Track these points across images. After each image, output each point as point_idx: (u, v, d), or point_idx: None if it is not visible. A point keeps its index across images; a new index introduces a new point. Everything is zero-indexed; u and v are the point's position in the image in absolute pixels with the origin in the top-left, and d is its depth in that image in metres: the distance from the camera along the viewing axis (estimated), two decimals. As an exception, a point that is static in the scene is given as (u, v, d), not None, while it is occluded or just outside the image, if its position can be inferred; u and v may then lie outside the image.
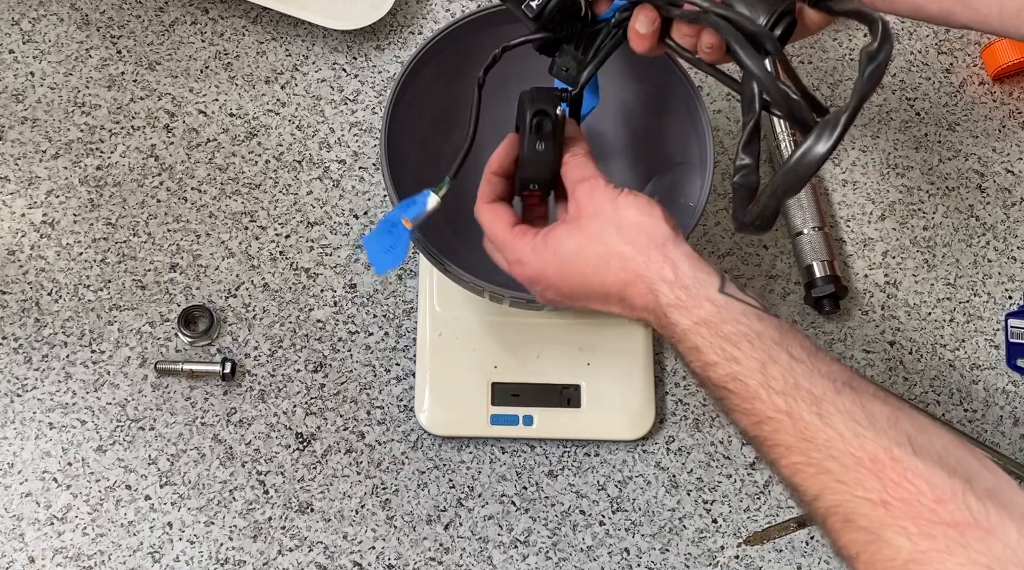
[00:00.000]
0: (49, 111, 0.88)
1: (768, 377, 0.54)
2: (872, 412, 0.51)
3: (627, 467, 0.83)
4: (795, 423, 0.52)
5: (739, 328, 0.56)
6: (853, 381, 0.53)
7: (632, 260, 0.59)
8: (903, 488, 0.48)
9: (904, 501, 0.47)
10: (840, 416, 0.51)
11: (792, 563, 0.82)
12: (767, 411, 0.54)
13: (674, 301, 0.58)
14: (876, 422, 0.50)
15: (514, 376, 0.82)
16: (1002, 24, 0.62)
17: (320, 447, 0.82)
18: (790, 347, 0.55)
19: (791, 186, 0.55)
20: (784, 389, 0.53)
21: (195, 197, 0.87)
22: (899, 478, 0.48)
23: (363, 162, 0.89)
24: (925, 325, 0.90)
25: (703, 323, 0.57)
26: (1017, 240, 0.93)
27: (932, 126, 0.96)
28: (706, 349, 0.56)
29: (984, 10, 0.62)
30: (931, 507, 0.47)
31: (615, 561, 0.81)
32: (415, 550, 0.80)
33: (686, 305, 0.57)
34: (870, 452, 0.49)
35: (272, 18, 0.93)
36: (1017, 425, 0.88)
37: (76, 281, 0.84)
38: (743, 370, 0.55)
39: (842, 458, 0.50)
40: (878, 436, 0.50)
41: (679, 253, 0.59)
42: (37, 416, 0.80)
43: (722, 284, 0.58)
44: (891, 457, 0.49)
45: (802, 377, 0.53)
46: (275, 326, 0.84)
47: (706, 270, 0.59)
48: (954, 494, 0.47)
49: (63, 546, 0.78)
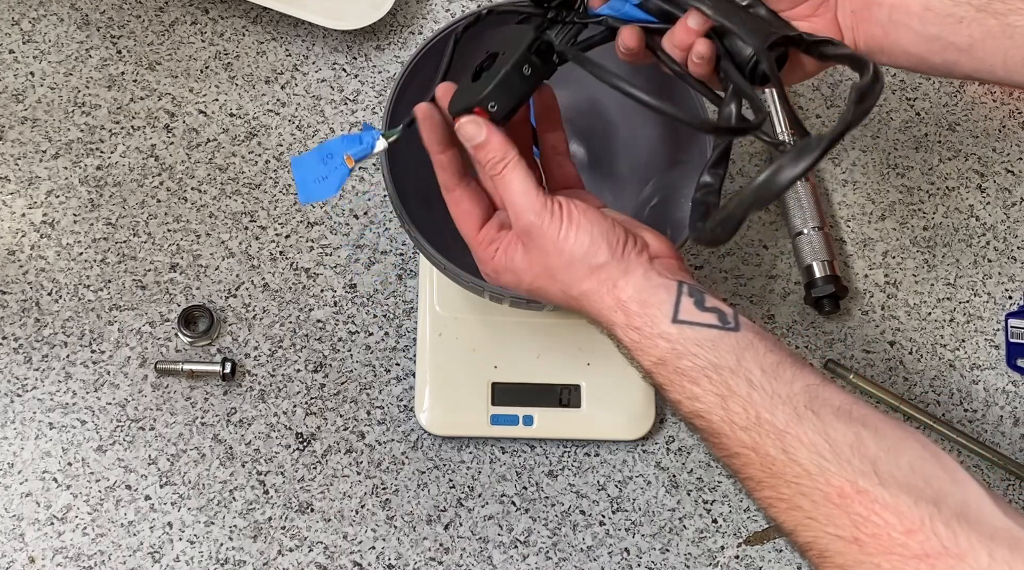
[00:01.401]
0: (49, 111, 0.88)
1: (730, 412, 0.54)
2: (835, 440, 0.51)
3: (627, 467, 0.83)
4: (762, 459, 0.52)
5: (696, 362, 0.55)
6: (815, 401, 0.53)
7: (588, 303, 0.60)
8: (872, 522, 0.48)
9: (874, 536, 0.48)
10: (804, 450, 0.51)
11: (792, 563, 0.82)
12: (734, 447, 0.54)
13: (630, 344, 0.58)
14: (839, 452, 0.50)
15: (514, 376, 0.82)
16: (1007, 74, 0.62)
17: (320, 447, 0.82)
18: (748, 372, 0.54)
19: (760, 200, 0.54)
20: (747, 424, 0.53)
21: (195, 197, 0.87)
22: (867, 512, 0.48)
23: (363, 162, 0.89)
24: (925, 325, 0.90)
25: (660, 362, 0.56)
26: (1017, 240, 0.93)
27: (932, 126, 0.96)
28: (668, 387, 0.56)
29: (989, 60, 0.61)
30: (902, 541, 0.47)
31: (615, 561, 0.81)
32: (415, 550, 0.80)
33: (641, 346, 0.57)
34: (836, 486, 0.49)
35: (272, 18, 0.93)
36: (1017, 425, 0.88)
37: (76, 281, 0.84)
38: (705, 407, 0.55)
39: (811, 494, 0.50)
40: (842, 468, 0.50)
41: (630, 291, 0.58)
42: (37, 416, 0.80)
43: (675, 312, 0.57)
44: (856, 490, 0.49)
45: (763, 408, 0.53)
46: (275, 326, 0.84)
47: (656, 301, 0.57)
48: (922, 522, 0.47)
49: (63, 546, 0.78)
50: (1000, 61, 0.61)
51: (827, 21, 0.63)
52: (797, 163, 0.53)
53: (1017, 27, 0.60)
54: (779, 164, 0.53)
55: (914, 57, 0.63)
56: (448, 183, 0.63)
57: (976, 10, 0.60)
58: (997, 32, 0.60)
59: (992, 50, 0.61)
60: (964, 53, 0.61)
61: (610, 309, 0.58)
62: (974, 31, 0.61)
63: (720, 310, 0.57)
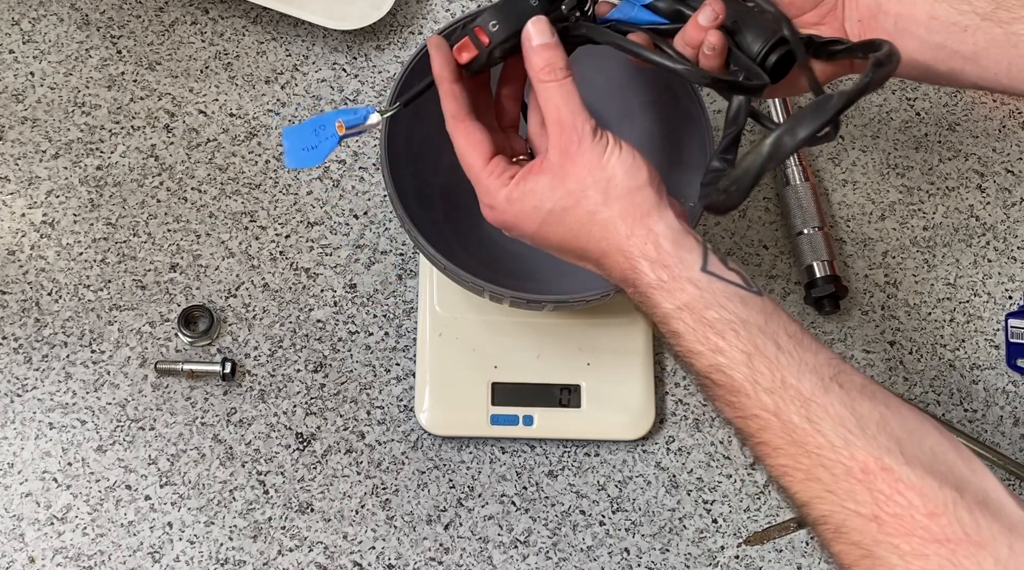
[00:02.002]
0: (49, 111, 0.88)
1: (755, 372, 0.52)
2: (862, 415, 0.50)
3: (627, 467, 0.83)
4: (784, 425, 0.51)
5: (723, 314, 0.54)
6: (841, 375, 0.52)
7: (615, 231, 0.57)
8: (895, 502, 0.47)
9: (896, 516, 0.47)
10: (830, 421, 0.50)
11: (792, 563, 0.82)
12: (753, 408, 0.52)
13: (655, 282, 0.55)
14: (866, 427, 0.49)
15: (514, 376, 0.82)
16: (1011, 82, 0.62)
17: (320, 447, 0.82)
18: (776, 335, 0.53)
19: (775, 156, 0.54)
20: (771, 387, 0.52)
21: (195, 197, 0.87)
22: (890, 490, 0.47)
23: (363, 162, 0.89)
24: (925, 325, 0.90)
25: (685, 308, 0.54)
26: (1017, 240, 0.93)
27: (932, 126, 0.96)
28: (689, 336, 0.54)
29: (993, 68, 0.61)
30: (924, 523, 0.46)
31: (615, 561, 0.81)
32: (415, 550, 0.80)
33: (668, 287, 0.55)
34: (860, 461, 0.48)
35: (272, 18, 0.93)
36: (1017, 425, 0.88)
37: (76, 281, 0.84)
38: (728, 362, 0.53)
39: (832, 467, 0.49)
40: (868, 443, 0.49)
41: (662, 226, 0.56)
42: (37, 416, 0.80)
43: (704, 261, 0.55)
44: (882, 467, 0.48)
45: (789, 373, 0.52)
46: (275, 326, 0.84)
47: (688, 245, 0.56)
48: (946, 506, 0.46)
49: (63, 546, 0.78)
50: (1004, 69, 0.61)
51: (833, 30, 0.64)
52: (813, 120, 0.53)
53: (1022, 35, 0.60)
54: (795, 120, 0.53)
55: (919, 65, 0.63)
56: (458, 113, 0.61)
57: (981, 19, 0.61)
58: (1002, 40, 0.60)
59: (996, 58, 0.61)
60: (969, 61, 0.62)
61: (641, 239, 0.56)
62: (979, 39, 0.61)
63: (743, 274, 0.56)
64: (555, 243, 0.60)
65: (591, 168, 0.57)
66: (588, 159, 0.57)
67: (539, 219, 0.59)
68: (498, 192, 0.59)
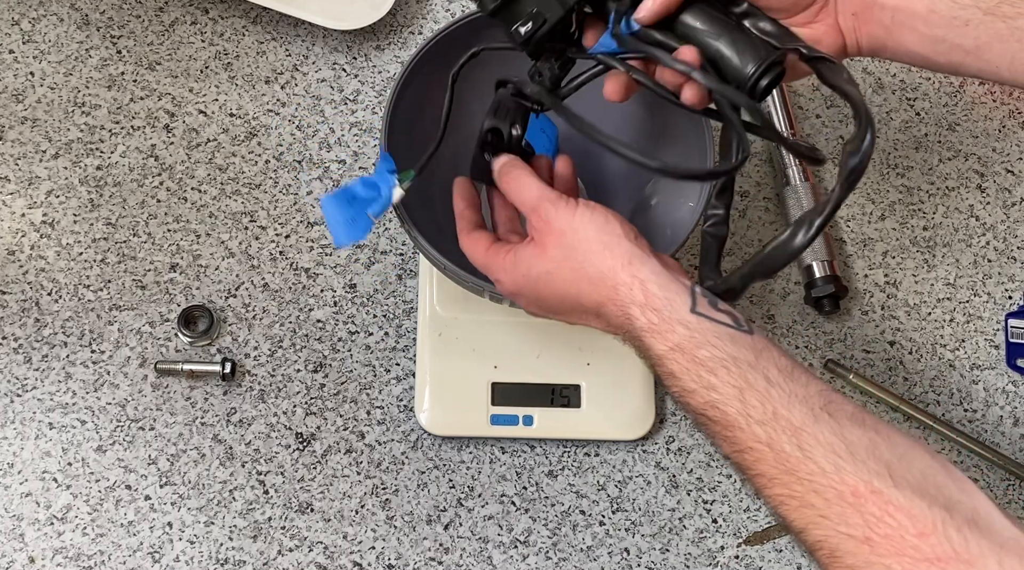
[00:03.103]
0: (49, 111, 0.88)
1: (747, 406, 0.54)
2: (851, 441, 0.51)
3: (627, 467, 0.83)
4: (776, 455, 0.52)
5: (714, 352, 0.55)
6: (830, 405, 0.53)
7: (602, 283, 0.59)
8: (885, 523, 0.48)
9: (887, 537, 0.48)
10: (820, 448, 0.51)
11: (792, 563, 0.82)
12: (747, 441, 0.53)
13: (646, 325, 0.57)
14: (855, 452, 0.51)
15: (514, 376, 0.82)
16: (1013, 75, 0.62)
17: (320, 447, 0.82)
18: (766, 369, 0.55)
19: (759, 274, 0.58)
20: (763, 419, 0.53)
21: (195, 197, 0.87)
22: (880, 512, 0.48)
23: (363, 162, 0.89)
24: (925, 325, 0.90)
25: (678, 349, 0.56)
26: (1017, 240, 0.93)
27: (932, 126, 0.96)
28: (683, 376, 0.56)
29: (995, 62, 0.61)
30: (913, 543, 0.47)
31: (615, 561, 0.81)
32: (415, 550, 0.80)
33: (659, 330, 0.57)
34: (851, 486, 0.49)
35: (272, 18, 0.93)
36: (1017, 425, 0.88)
37: (76, 281, 0.84)
38: (721, 398, 0.54)
39: (824, 492, 0.50)
40: (858, 468, 0.50)
41: (646, 271, 0.58)
42: (37, 416, 0.80)
43: (693, 303, 0.57)
44: (871, 490, 0.49)
45: (780, 405, 0.53)
46: (275, 326, 0.84)
47: (675, 288, 0.58)
48: (935, 526, 0.47)
49: (63, 546, 0.78)
50: (1007, 63, 0.61)
51: (827, 26, 0.63)
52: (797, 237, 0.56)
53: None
54: (777, 241, 0.56)
55: (918, 56, 0.63)
56: (464, 229, 0.68)
57: (984, 13, 0.60)
58: (1006, 35, 0.60)
59: (1000, 53, 0.61)
60: (970, 55, 0.61)
61: (627, 286, 0.58)
62: (981, 34, 0.60)
63: (733, 314, 0.58)
64: (556, 304, 0.63)
65: (565, 231, 0.61)
66: (560, 225, 0.61)
67: (533, 283, 0.62)
68: (498, 267, 0.64)
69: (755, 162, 0.93)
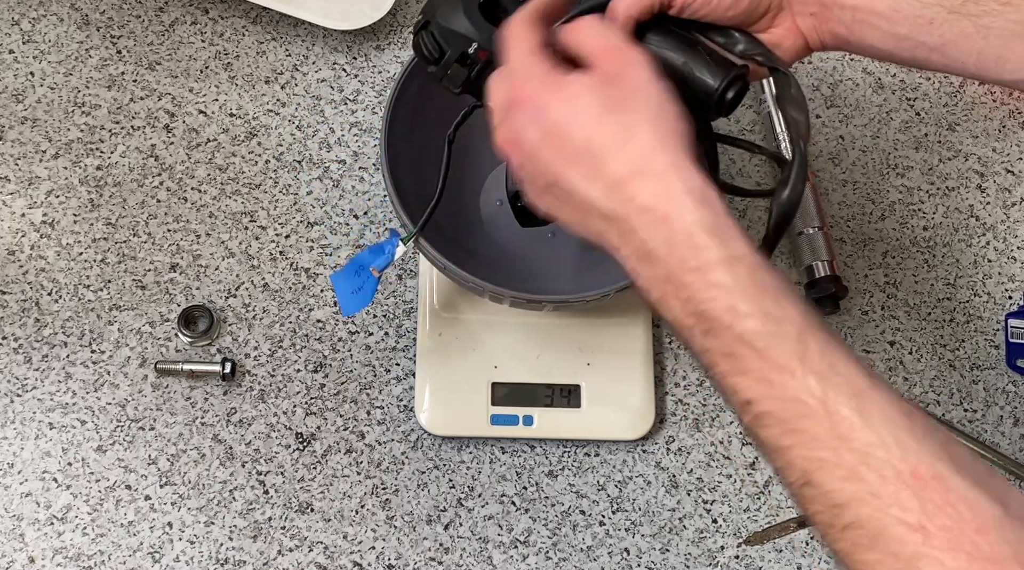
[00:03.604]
0: (49, 111, 0.88)
1: (805, 349, 0.46)
2: (912, 417, 0.45)
3: (627, 467, 0.83)
4: (830, 415, 0.45)
5: (776, 280, 0.48)
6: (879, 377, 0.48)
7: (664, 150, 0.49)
8: (945, 514, 0.43)
9: (945, 529, 0.43)
10: (881, 418, 0.45)
11: (792, 563, 0.82)
12: (795, 390, 0.46)
13: (702, 221, 0.48)
14: (915, 430, 0.45)
15: (514, 376, 0.82)
16: (979, 70, 0.61)
17: (320, 447, 0.82)
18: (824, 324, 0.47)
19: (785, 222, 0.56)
20: (821, 370, 0.46)
21: (195, 197, 0.87)
22: (941, 501, 0.43)
23: (363, 162, 0.89)
24: (925, 325, 0.90)
25: (737, 260, 0.48)
26: (1017, 240, 0.93)
27: (932, 126, 0.96)
28: (736, 292, 0.47)
29: (961, 58, 0.61)
30: (972, 538, 0.43)
31: (615, 561, 0.81)
32: (415, 550, 0.80)
33: (719, 231, 0.48)
34: (911, 466, 0.44)
35: (272, 18, 0.93)
36: (1017, 425, 0.88)
37: (76, 281, 0.84)
38: (782, 331, 0.46)
39: (880, 468, 0.44)
40: (920, 447, 0.44)
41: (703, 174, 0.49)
42: (37, 416, 0.80)
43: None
44: (934, 474, 0.44)
45: (839, 359, 0.46)
46: (275, 326, 0.84)
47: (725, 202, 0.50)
48: (995, 522, 0.43)
49: (63, 546, 0.78)
50: (973, 60, 0.61)
51: (785, 29, 0.63)
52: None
53: (992, 28, 0.59)
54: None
55: (882, 52, 0.62)
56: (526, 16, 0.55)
57: (948, 11, 0.60)
58: (971, 32, 0.60)
59: (965, 50, 0.60)
60: (935, 51, 0.61)
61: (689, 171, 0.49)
62: (946, 31, 0.60)
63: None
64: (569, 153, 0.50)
65: (648, 89, 0.50)
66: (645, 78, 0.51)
67: (569, 116, 0.50)
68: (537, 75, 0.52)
69: (755, 162, 0.93)
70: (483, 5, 0.59)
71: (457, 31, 0.58)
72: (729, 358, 0.48)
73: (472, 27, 0.57)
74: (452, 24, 0.57)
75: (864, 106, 0.96)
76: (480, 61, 0.58)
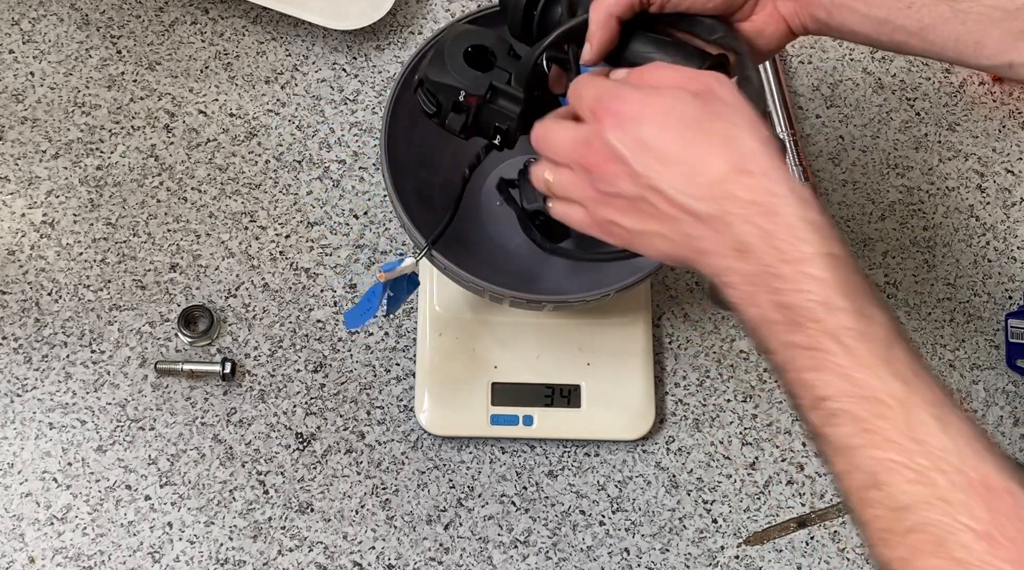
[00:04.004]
0: (49, 111, 0.88)
1: (892, 352, 0.47)
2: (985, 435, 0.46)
3: (627, 467, 0.83)
4: (909, 419, 0.46)
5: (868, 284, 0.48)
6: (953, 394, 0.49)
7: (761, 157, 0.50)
8: (1015, 526, 0.43)
9: (1013, 541, 0.43)
10: (959, 428, 0.45)
11: (792, 563, 0.82)
12: (876, 390, 0.46)
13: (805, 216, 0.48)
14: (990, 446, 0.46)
15: (514, 376, 0.82)
16: (957, 55, 0.62)
17: (320, 447, 0.82)
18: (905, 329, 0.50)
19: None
20: (905, 375, 0.46)
21: (195, 197, 0.87)
22: (1012, 514, 0.44)
23: (363, 162, 0.89)
24: (925, 325, 0.90)
25: (835, 257, 0.48)
26: (1017, 240, 0.93)
27: (932, 126, 0.96)
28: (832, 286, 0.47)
29: (939, 43, 0.61)
30: None
31: (615, 561, 0.81)
32: (415, 550, 0.80)
33: (819, 228, 0.48)
34: (983, 475, 0.44)
35: (272, 18, 0.93)
36: (1017, 425, 0.88)
37: (76, 281, 0.84)
38: (871, 331, 0.47)
39: (953, 475, 0.45)
40: (995, 458, 0.45)
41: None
42: (37, 416, 0.80)
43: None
44: (1005, 487, 0.44)
45: (921, 369, 0.47)
46: (275, 326, 0.84)
47: None
48: None
49: (63, 546, 0.78)
50: (952, 44, 0.61)
51: (767, 15, 0.63)
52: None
53: (970, 12, 0.60)
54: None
55: (862, 36, 0.63)
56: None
57: None
58: (949, 17, 0.60)
59: (944, 34, 0.61)
60: (914, 36, 0.61)
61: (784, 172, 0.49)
62: (924, 16, 0.61)
63: None
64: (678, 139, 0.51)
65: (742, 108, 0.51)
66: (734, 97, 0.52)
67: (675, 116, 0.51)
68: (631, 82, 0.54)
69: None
70: (470, 54, 0.63)
71: (445, 83, 0.62)
72: (811, 353, 0.48)
73: (458, 76, 0.62)
74: (440, 78, 0.63)
75: (864, 106, 0.96)
76: (472, 106, 0.63)
